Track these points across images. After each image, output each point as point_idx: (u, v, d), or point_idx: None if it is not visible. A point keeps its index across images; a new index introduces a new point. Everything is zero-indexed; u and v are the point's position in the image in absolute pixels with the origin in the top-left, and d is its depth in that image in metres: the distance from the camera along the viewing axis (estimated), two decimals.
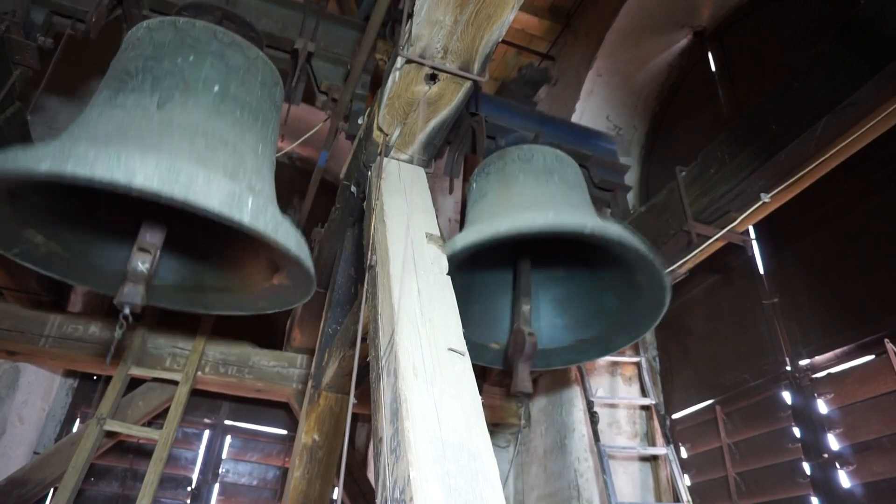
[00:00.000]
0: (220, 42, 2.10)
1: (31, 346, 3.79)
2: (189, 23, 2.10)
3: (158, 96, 1.88)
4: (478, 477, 1.08)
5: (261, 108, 2.14)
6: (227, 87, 2.03)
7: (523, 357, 2.02)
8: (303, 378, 4.12)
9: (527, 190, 2.39)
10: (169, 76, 1.93)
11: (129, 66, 1.97)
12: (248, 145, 1.99)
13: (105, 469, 4.60)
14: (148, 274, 1.79)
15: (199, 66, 2.00)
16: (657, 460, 3.70)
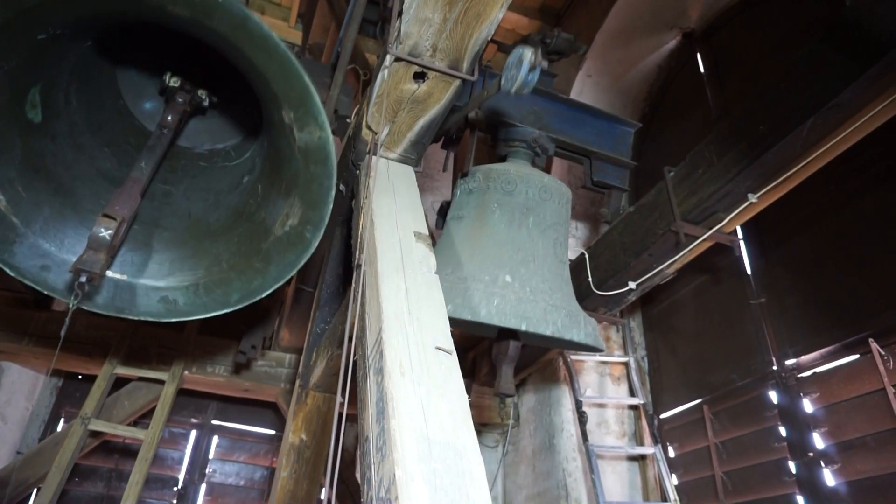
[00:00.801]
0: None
1: (15, 344, 3.75)
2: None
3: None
4: (464, 476, 1.08)
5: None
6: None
7: (507, 360, 2.03)
8: (290, 378, 4.10)
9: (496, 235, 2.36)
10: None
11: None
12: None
13: (89, 469, 4.55)
14: (111, 243, 1.69)
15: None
16: (645, 460, 3.71)
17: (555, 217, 2.50)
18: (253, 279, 2.06)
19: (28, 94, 1.81)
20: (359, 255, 1.83)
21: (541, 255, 2.32)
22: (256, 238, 2.05)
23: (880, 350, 2.40)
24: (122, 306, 2.06)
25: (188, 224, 2.23)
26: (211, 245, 2.17)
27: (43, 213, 1.94)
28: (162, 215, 2.21)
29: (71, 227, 2.00)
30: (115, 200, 1.76)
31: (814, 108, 2.02)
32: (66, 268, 1.91)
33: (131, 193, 1.81)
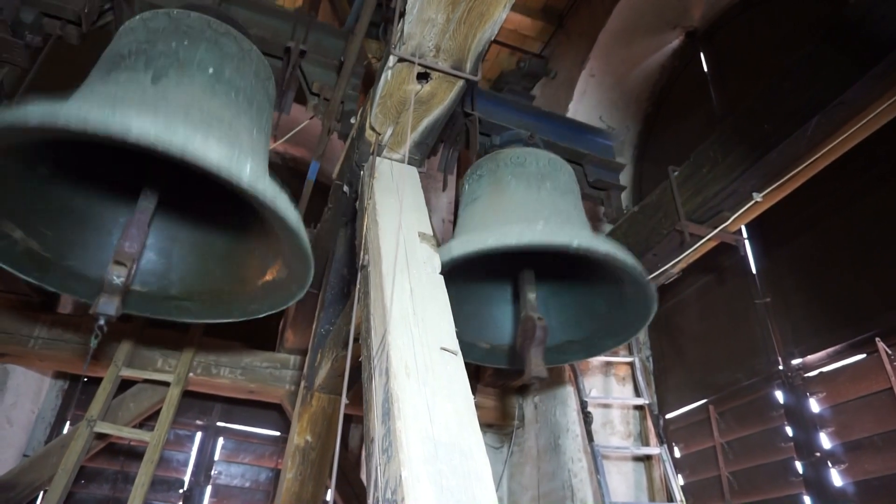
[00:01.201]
0: (215, 31, 2.09)
1: (20, 347, 3.76)
2: (183, 13, 2.08)
3: (153, 72, 1.85)
4: (470, 476, 1.07)
5: (255, 95, 2.13)
6: (222, 71, 2.01)
7: (535, 342, 2.01)
8: (295, 379, 4.10)
9: (517, 197, 2.37)
10: (163, 56, 1.91)
11: (121, 50, 1.94)
12: (244, 125, 1.97)
13: (95, 471, 4.56)
14: (123, 286, 1.79)
15: (194, 49, 1.98)
16: (651, 460, 3.70)
17: (569, 185, 2.52)
18: (250, 304, 2.21)
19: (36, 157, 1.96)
20: (363, 256, 1.83)
21: (566, 210, 2.33)
22: (253, 273, 2.18)
23: (887, 349, 2.39)
24: (142, 309, 2.22)
25: (196, 241, 2.32)
26: (215, 268, 2.29)
27: (70, 243, 2.12)
28: (171, 229, 2.32)
29: (94, 247, 2.17)
30: (122, 242, 1.83)
31: (818, 106, 2.02)
32: (94, 279, 2.10)
33: (139, 227, 1.88)
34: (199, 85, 1.89)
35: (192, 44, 1.99)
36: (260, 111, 2.15)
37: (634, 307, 2.27)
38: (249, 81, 2.12)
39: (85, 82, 1.91)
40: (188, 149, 1.42)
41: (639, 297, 2.21)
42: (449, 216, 5.57)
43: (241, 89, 2.05)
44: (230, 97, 1.98)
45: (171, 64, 1.90)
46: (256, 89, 2.16)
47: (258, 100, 2.15)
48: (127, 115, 1.39)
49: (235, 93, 2.02)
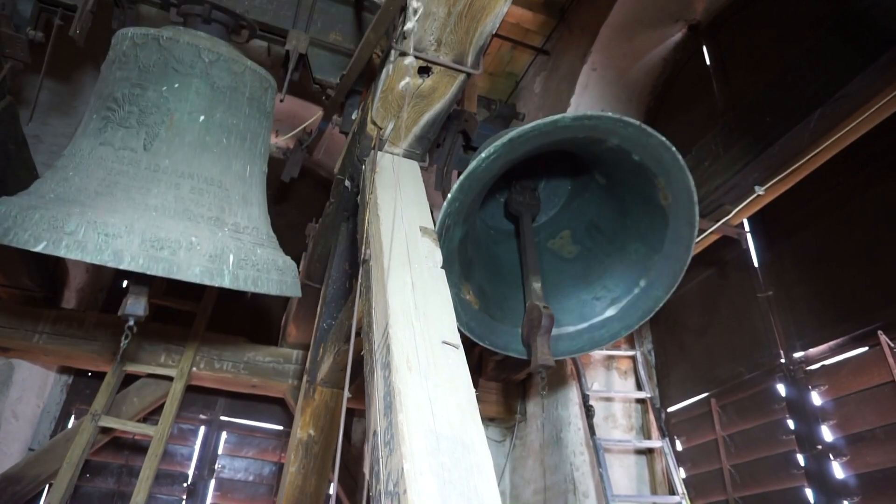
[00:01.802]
0: (205, 62, 2.11)
1: (25, 342, 3.78)
2: (173, 41, 2.09)
3: (145, 135, 1.94)
4: (472, 469, 1.08)
5: (248, 126, 2.19)
6: (213, 115, 2.07)
7: (541, 331, 2.02)
8: (298, 373, 4.12)
9: None
10: (154, 110, 1.98)
11: (115, 92, 2.02)
12: (235, 174, 2.08)
13: (100, 465, 4.59)
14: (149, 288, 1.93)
15: (185, 94, 2.04)
16: (653, 453, 3.71)
17: None
18: None
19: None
20: (365, 250, 1.83)
21: None
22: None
23: (889, 342, 2.39)
24: None
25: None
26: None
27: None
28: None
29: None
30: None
31: (821, 99, 2.01)
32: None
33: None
34: (189, 144, 1.99)
35: (182, 86, 2.05)
36: (254, 139, 2.23)
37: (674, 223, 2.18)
38: (242, 112, 2.18)
39: (84, 128, 2.01)
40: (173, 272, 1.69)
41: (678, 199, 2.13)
42: None
43: (232, 128, 2.12)
44: (221, 144, 2.07)
45: (163, 121, 1.98)
46: (250, 116, 2.21)
47: (252, 128, 2.22)
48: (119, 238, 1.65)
49: (227, 135, 2.10)
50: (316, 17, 2.77)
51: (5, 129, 2.63)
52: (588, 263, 2.56)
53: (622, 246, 2.42)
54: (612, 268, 2.47)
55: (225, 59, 2.16)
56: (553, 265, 2.60)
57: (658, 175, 2.12)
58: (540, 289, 2.25)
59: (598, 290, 2.51)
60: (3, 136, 2.63)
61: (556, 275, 2.56)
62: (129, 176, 1.86)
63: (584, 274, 2.55)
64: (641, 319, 2.41)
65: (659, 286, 2.34)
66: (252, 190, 2.18)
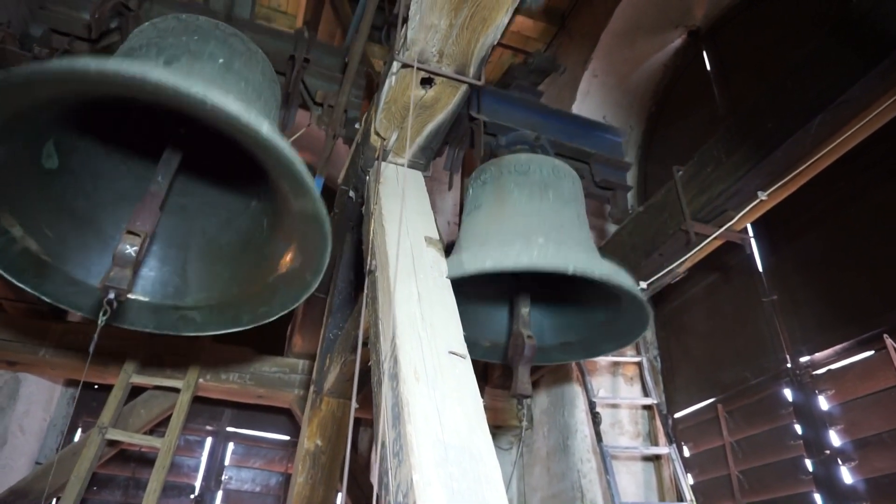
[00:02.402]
0: (223, 31, 2.13)
1: (31, 356, 3.79)
2: (192, 16, 2.12)
3: (165, 57, 1.88)
4: (480, 479, 1.08)
5: (262, 89, 2.16)
6: (232, 63, 2.04)
7: (523, 360, 2.04)
8: (304, 384, 4.12)
9: (519, 209, 2.34)
10: (174, 47, 1.94)
11: (132, 45, 1.98)
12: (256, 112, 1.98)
13: (107, 478, 4.59)
14: (136, 258, 1.74)
15: (204, 43, 2.01)
16: (660, 460, 3.70)
17: (573, 193, 2.51)
18: (260, 306, 2.16)
19: (42, 148, 1.90)
20: (370, 260, 1.84)
21: (567, 223, 2.32)
22: (263, 270, 2.14)
23: (895, 345, 2.39)
24: (145, 323, 2.17)
25: (203, 244, 2.28)
26: (223, 269, 2.25)
27: (69, 246, 2.05)
28: (178, 233, 2.28)
29: (95, 253, 2.10)
30: (136, 216, 1.79)
31: (822, 104, 2.02)
32: (94, 291, 2.01)
33: (151, 208, 1.84)
34: (210, 71, 1.93)
35: (201, 39, 2.03)
36: (268, 106, 2.18)
37: (631, 320, 2.34)
38: (257, 76, 2.15)
39: None
40: (209, 96, 1.41)
41: (634, 313, 2.28)
42: (454, 218, 5.58)
43: (250, 81, 2.08)
44: (241, 86, 2.02)
45: (183, 53, 1.93)
46: (264, 86, 2.19)
47: (266, 96, 2.18)
48: (145, 67, 1.39)
49: (245, 83, 2.05)
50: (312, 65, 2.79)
51: None
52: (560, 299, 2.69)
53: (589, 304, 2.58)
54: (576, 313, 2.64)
55: (239, 36, 2.17)
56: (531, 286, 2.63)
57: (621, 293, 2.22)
58: (527, 314, 2.28)
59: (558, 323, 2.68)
60: None
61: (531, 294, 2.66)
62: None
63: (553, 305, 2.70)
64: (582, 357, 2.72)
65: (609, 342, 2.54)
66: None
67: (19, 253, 1.91)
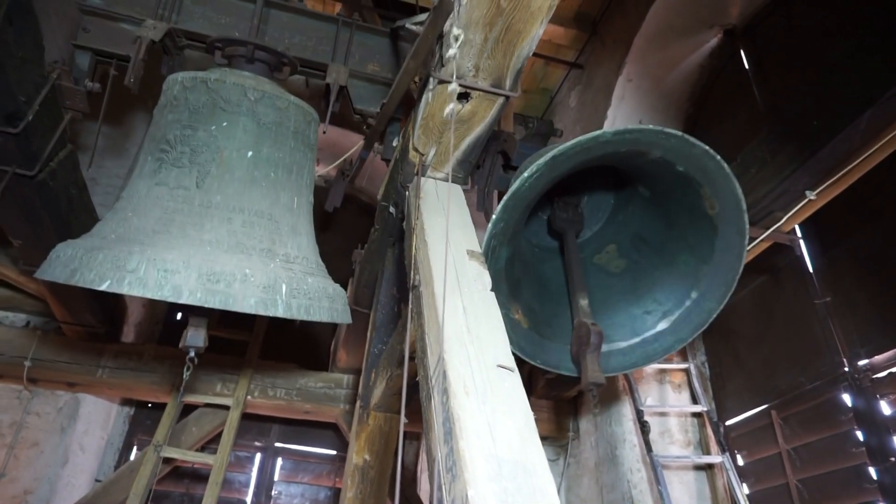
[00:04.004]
0: (251, 101, 2.20)
1: (90, 376, 3.94)
2: (220, 82, 2.19)
3: (197, 173, 2.03)
4: (535, 493, 1.08)
5: (294, 159, 2.27)
6: (260, 150, 2.15)
7: (591, 348, 2.00)
8: (349, 398, 4.16)
9: None
10: (205, 148, 2.07)
11: (168, 134, 2.11)
12: (283, 205, 2.15)
13: (163, 494, 4.71)
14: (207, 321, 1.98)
15: (233, 132, 2.12)
16: (713, 469, 3.60)
17: None
18: None
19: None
20: (413, 275, 1.86)
21: None
22: None
23: None
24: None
25: None
26: None
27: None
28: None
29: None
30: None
31: (870, 99, 1.96)
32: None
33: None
34: (239, 179, 2.07)
35: (230, 124, 2.13)
36: (300, 171, 2.30)
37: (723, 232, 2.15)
38: (288, 146, 2.26)
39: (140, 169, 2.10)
40: (229, 305, 1.73)
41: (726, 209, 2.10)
42: None
43: (279, 162, 2.20)
44: (269, 178, 2.15)
45: (213, 159, 2.06)
46: (296, 149, 2.29)
47: (297, 160, 2.29)
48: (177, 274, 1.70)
49: (274, 169, 2.18)
50: (353, 49, 2.86)
51: (68, 176, 2.78)
52: (636, 277, 2.52)
53: (671, 258, 2.38)
54: (661, 280, 2.43)
55: (269, 95, 2.24)
56: (601, 280, 2.58)
57: (703, 185, 2.09)
58: (587, 305, 2.23)
59: (648, 303, 2.47)
60: (66, 181, 2.77)
61: (604, 290, 2.54)
62: (184, 213, 1.94)
63: (632, 288, 2.52)
64: (695, 332, 2.35)
65: (711, 297, 2.29)
66: (300, 220, 2.25)
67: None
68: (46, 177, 2.58)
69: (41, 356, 3.89)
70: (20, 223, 2.83)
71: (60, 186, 2.73)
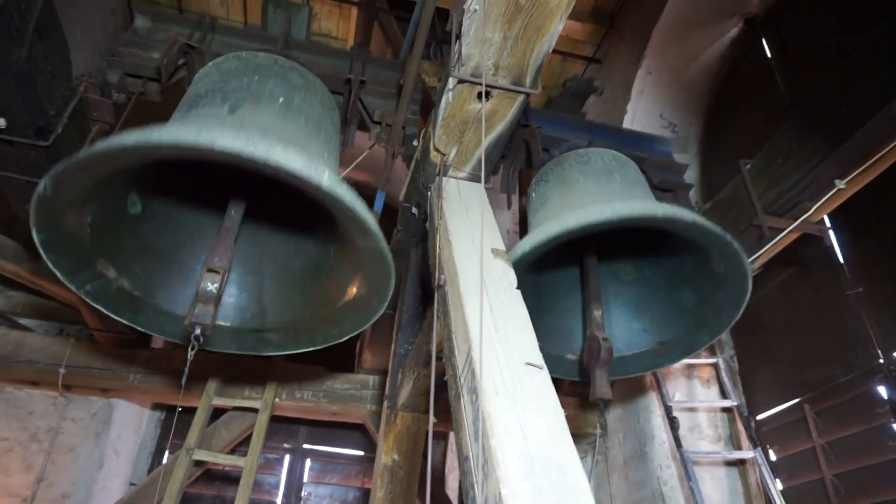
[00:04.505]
0: (281, 67, 2.23)
1: (122, 382, 4.02)
2: (251, 54, 2.24)
3: (229, 105, 2.00)
4: (569, 491, 1.08)
5: (322, 122, 2.25)
6: (291, 100, 2.14)
7: (600, 363, 2.00)
8: (376, 399, 4.18)
9: (589, 189, 2.37)
10: (237, 91, 2.06)
11: (199, 91, 2.11)
12: (316, 149, 2.09)
13: (195, 497, 4.79)
14: (217, 294, 1.85)
15: (264, 83, 2.13)
16: (745, 464, 3.55)
17: (637, 177, 2.50)
18: (332, 329, 2.27)
19: (127, 198, 2.10)
20: (438, 275, 1.86)
21: (638, 196, 2.31)
22: (333, 296, 2.24)
23: None
24: (228, 345, 2.30)
25: (275, 270, 2.39)
26: (295, 295, 2.36)
27: (157, 282, 2.23)
28: (252, 261, 2.40)
29: (180, 286, 2.27)
30: (213, 254, 1.92)
31: None
32: (182, 319, 2.15)
33: (226, 244, 1.97)
34: (271, 113, 2.03)
35: (262, 78, 2.14)
36: (328, 137, 2.27)
37: (726, 289, 2.17)
38: (316, 109, 2.25)
39: (169, 121, 2.06)
40: (271, 156, 1.52)
41: (730, 274, 2.11)
42: (514, 227, 5.57)
43: (309, 116, 2.17)
44: (300, 123, 2.11)
45: (245, 97, 2.04)
46: (323, 117, 2.28)
47: (325, 127, 2.27)
48: (212, 133, 1.51)
49: (305, 119, 2.14)
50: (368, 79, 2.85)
51: None
52: (642, 292, 2.56)
53: (675, 287, 2.42)
54: (663, 303, 2.48)
55: (297, 69, 2.28)
56: (609, 284, 2.58)
57: (711, 250, 2.10)
58: (600, 317, 2.24)
59: (646, 321, 2.51)
60: None
61: (611, 296, 2.56)
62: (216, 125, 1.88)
63: (636, 302, 2.56)
64: (682, 357, 2.46)
65: (705, 332, 2.36)
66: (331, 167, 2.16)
67: (115, 292, 2.08)
68: None
69: (75, 363, 3.97)
70: None
71: None
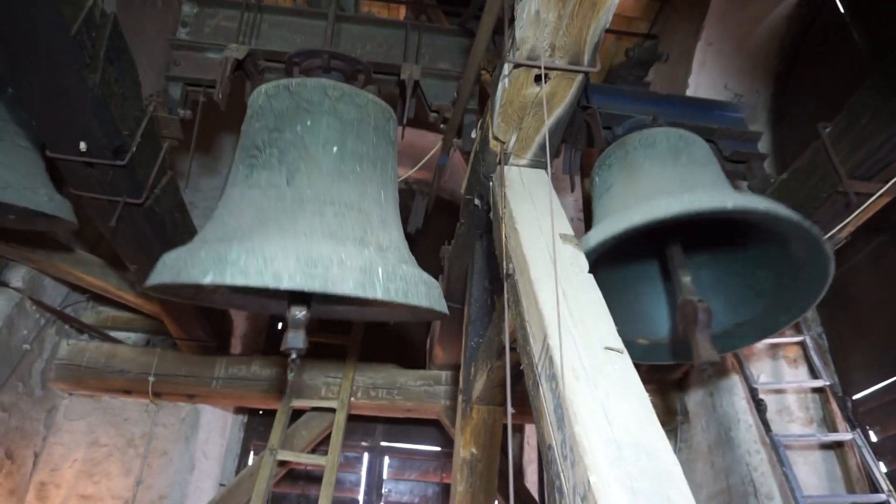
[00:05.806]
0: (331, 99, 2.25)
1: (206, 388, 4.19)
2: (301, 84, 2.26)
3: (286, 171, 2.07)
4: (661, 477, 1.03)
5: (377, 153, 2.28)
6: (345, 145, 2.18)
7: (699, 325, 1.91)
8: (449, 394, 4.20)
9: (654, 176, 2.29)
10: (292, 147, 2.12)
11: (256, 140, 2.19)
12: (371, 198, 2.15)
13: (281, 496, 4.94)
14: (305, 321, 2.00)
15: (317, 129, 2.17)
16: (842, 447, 3.35)
17: (706, 157, 2.39)
18: None
19: None
20: (507, 265, 1.84)
21: (708, 182, 2.21)
22: None
23: None
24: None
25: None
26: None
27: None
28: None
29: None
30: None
31: None
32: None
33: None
34: (327, 173, 2.10)
35: (314, 122, 2.19)
36: (384, 166, 2.31)
37: (807, 271, 2.09)
38: (370, 141, 2.28)
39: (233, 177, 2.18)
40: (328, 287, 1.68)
41: (811, 258, 2.03)
42: (578, 214, 5.46)
43: (364, 156, 2.22)
44: (356, 172, 2.16)
45: (301, 156, 2.11)
46: (378, 145, 2.31)
47: (381, 155, 2.30)
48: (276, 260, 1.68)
49: (360, 163, 2.19)
50: (424, 50, 2.89)
51: (170, 200, 2.96)
52: (715, 272, 2.45)
53: (751, 269, 2.33)
54: (738, 285, 2.38)
55: (348, 94, 2.29)
56: None
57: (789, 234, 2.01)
58: (690, 282, 2.13)
59: (721, 303, 2.39)
60: (169, 206, 2.95)
61: None
62: (278, 209, 1.97)
63: (709, 283, 2.44)
64: (761, 338, 2.38)
65: (785, 313, 2.26)
66: (388, 214, 2.25)
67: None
68: (153, 203, 2.76)
69: (162, 371, 4.18)
70: (133, 248, 3.05)
71: (165, 211, 2.91)
